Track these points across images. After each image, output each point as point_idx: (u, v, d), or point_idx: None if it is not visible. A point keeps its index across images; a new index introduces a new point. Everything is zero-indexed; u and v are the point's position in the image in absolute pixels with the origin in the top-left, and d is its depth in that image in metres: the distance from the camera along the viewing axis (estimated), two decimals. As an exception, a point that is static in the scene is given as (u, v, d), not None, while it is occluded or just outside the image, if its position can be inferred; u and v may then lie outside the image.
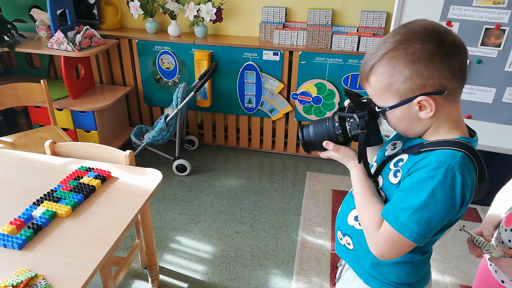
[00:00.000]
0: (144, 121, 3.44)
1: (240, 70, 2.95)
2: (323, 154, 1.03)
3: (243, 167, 3.10)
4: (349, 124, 0.96)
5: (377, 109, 0.93)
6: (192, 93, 2.75)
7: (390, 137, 1.11)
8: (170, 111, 2.84)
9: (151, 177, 1.63)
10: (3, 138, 2.51)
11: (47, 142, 1.75)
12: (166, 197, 2.72)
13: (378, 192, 0.98)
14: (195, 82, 2.95)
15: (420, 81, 0.84)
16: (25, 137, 2.58)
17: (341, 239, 1.11)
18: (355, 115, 0.94)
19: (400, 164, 0.94)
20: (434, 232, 0.90)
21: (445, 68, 0.83)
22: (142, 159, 3.12)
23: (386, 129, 1.03)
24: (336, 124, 0.97)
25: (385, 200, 0.96)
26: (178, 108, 2.74)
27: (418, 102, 0.86)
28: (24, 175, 1.65)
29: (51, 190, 1.52)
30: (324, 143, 0.99)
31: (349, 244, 1.08)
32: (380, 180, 0.99)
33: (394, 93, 0.87)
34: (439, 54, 0.82)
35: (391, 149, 1.03)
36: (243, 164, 3.14)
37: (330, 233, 2.41)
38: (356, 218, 1.04)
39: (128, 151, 1.71)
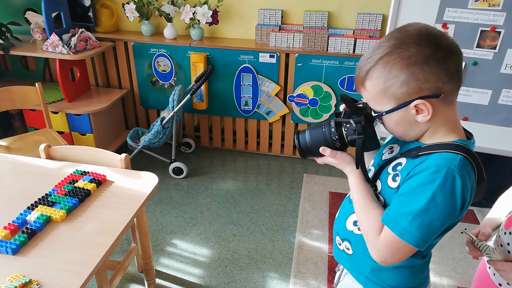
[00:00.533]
0: (140, 124, 3.43)
1: (237, 72, 2.94)
2: (319, 160, 1.02)
3: (240, 170, 3.09)
4: (346, 129, 0.95)
5: (373, 114, 0.92)
6: (189, 95, 2.74)
7: (386, 141, 1.10)
8: (166, 114, 2.83)
9: (147, 181, 1.62)
10: (-3, 142, 2.49)
11: (42, 146, 1.74)
12: (162, 200, 2.71)
13: (377, 197, 0.97)
14: (191, 85, 2.94)
15: (417, 84, 0.83)
16: (20, 140, 2.56)
17: (339, 244, 1.10)
18: (351, 120, 0.94)
19: (399, 168, 0.93)
20: (436, 236, 0.89)
21: (441, 71, 0.83)
22: (138, 162, 3.11)
23: (382, 131, 1.02)
24: (333, 129, 0.96)
25: (384, 205, 0.96)
26: (174, 110, 2.73)
27: (415, 106, 0.85)
28: (19, 179, 1.64)
29: (46, 194, 1.51)
30: (321, 149, 0.98)
31: (348, 249, 1.07)
32: (379, 184, 0.99)
33: (390, 97, 0.87)
34: (434, 57, 0.82)
35: (388, 153, 1.02)
36: (240, 167, 3.13)
37: (327, 236, 2.40)
38: (355, 223, 1.04)
39: (123, 155, 1.70)
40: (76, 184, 1.56)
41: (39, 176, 1.65)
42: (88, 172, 1.64)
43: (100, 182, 1.59)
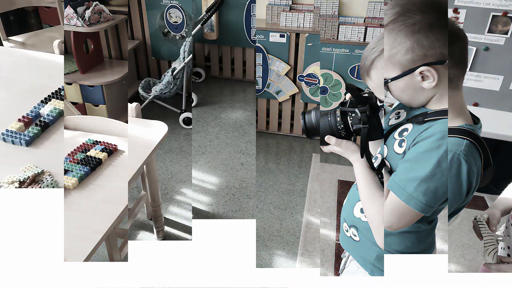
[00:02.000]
0: (151, 74, 3.46)
1: (247, 2, 2.95)
2: (325, 149, 1.03)
3: (249, 100, 3.10)
4: (351, 118, 0.96)
5: (379, 81, 0.93)
6: (199, 25, 2.75)
7: (393, 106, 1.11)
8: (177, 65, 2.85)
9: (157, 129, 1.65)
10: (13, 38, 2.51)
11: (56, 42, 1.77)
12: (172, 150, 2.74)
13: (383, 162, 0.99)
14: (202, 15, 2.95)
15: (422, 51, 0.84)
16: (35, 36, 2.58)
17: (347, 230, 1.12)
18: (356, 110, 0.95)
19: (405, 134, 0.94)
20: (441, 202, 0.90)
21: (445, 38, 0.83)
22: (149, 112, 3.12)
23: (389, 97, 1.03)
24: (338, 118, 0.97)
25: (390, 170, 0.97)
26: (185, 61, 2.75)
27: (420, 73, 0.86)
28: (33, 73, 1.65)
29: (59, 88, 1.52)
30: (326, 138, 0.99)
31: (355, 235, 1.09)
32: (385, 149, 1.00)
33: (395, 64, 0.88)
34: (439, 24, 0.83)
35: (395, 119, 1.03)
36: (249, 97, 3.14)
37: (335, 223, 2.41)
38: (362, 210, 1.05)
39: (134, 104, 1.72)
40: (88, 153, 1.59)
41: (52, 71, 1.67)
42: (100, 142, 1.67)
43: (111, 151, 1.62)
